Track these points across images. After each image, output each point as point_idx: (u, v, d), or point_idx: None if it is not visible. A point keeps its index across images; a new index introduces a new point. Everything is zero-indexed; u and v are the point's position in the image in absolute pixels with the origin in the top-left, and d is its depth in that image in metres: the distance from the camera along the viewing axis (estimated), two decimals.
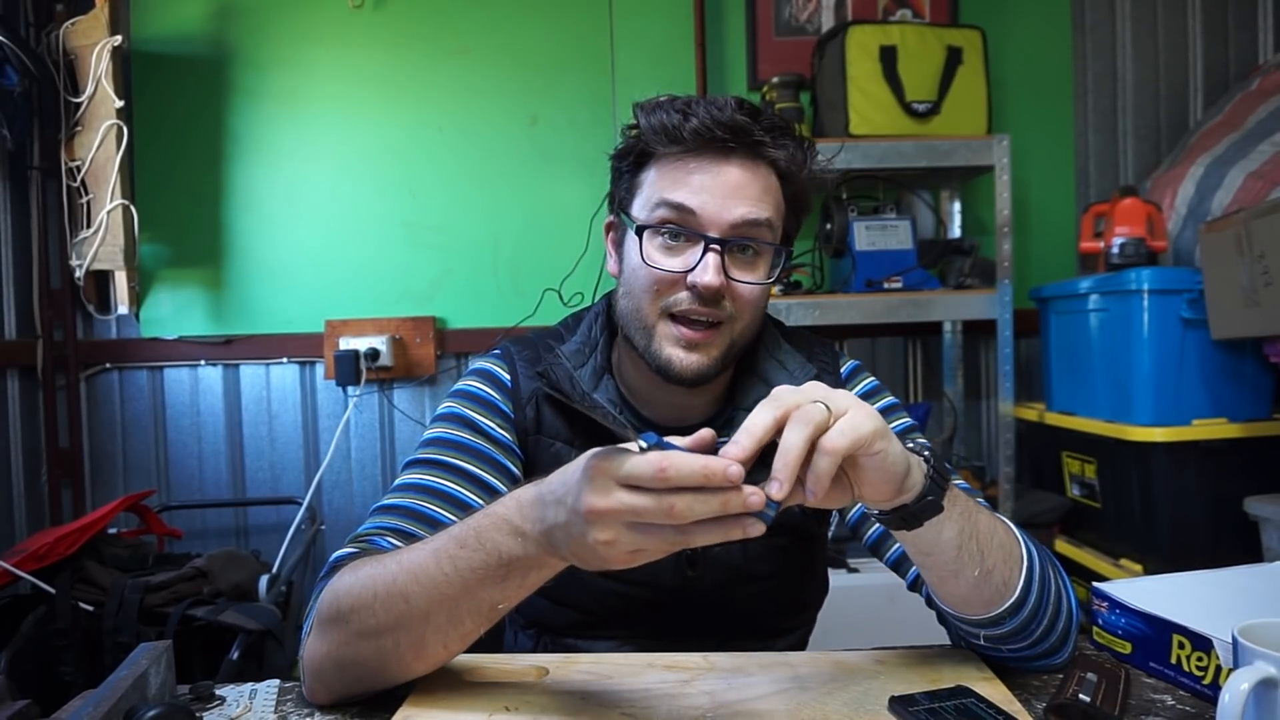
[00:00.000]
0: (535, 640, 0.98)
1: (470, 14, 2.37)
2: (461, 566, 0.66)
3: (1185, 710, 0.72)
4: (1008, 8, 2.43)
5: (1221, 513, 1.79)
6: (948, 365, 2.43)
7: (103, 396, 2.35)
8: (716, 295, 0.84)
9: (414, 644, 0.69)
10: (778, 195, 0.88)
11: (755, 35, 2.40)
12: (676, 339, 0.86)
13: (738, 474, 0.56)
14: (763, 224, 0.85)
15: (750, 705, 0.71)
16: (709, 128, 0.83)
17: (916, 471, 0.66)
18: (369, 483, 2.39)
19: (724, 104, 0.85)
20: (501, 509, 0.66)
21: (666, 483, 0.55)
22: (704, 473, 0.55)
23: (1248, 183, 1.90)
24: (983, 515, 0.72)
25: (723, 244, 0.84)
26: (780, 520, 0.93)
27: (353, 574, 0.72)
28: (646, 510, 0.56)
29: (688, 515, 0.55)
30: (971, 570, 0.70)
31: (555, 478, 0.63)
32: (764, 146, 0.85)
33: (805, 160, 0.88)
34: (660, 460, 0.55)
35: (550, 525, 0.61)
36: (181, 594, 1.76)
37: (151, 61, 2.31)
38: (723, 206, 0.83)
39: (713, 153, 0.84)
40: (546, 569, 0.65)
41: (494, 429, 0.91)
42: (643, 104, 0.89)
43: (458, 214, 2.38)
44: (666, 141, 0.85)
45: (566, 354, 0.94)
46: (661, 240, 0.86)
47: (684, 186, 0.84)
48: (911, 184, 2.34)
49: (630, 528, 0.57)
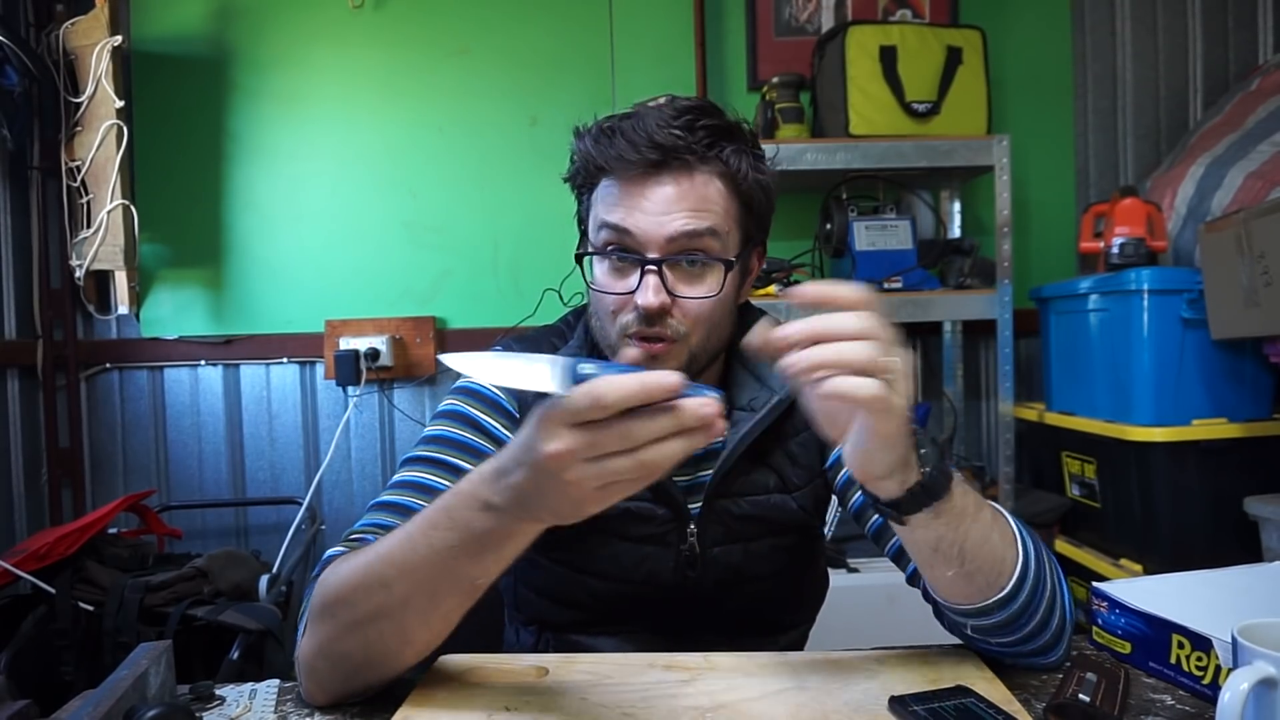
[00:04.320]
0: (536, 637, 0.98)
1: (470, 14, 2.37)
2: (438, 546, 0.66)
3: (1185, 710, 0.72)
4: (1008, 8, 2.43)
5: (1221, 513, 1.79)
6: (948, 365, 2.43)
7: (103, 396, 2.35)
8: (660, 314, 0.83)
9: (397, 630, 0.69)
10: (724, 202, 0.85)
11: (755, 35, 2.40)
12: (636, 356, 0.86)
13: (676, 382, 0.56)
14: (704, 234, 0.83)
15: (750, 705, 0.71)
16: (634, 147, 0.82)
17: (912, 470, 0.65)
18: (369, 483, 2.38)
19: (652, 119, 0.83)
20: (468, 485, 0.66)
21: (608, 409, 0.55)
22: (641, 389, 0.55)
23: (1248, 183, 1.90)
24: (979, 522, 0.70)
25: (660, 263, 0.82)
26: (780, 520, 0.94)
27: (338, 568, 0.73)
28: (600, 440, 0.56)
29: (642, 436, 0.56)
30: (946, 570, 0.70)
31: (510, 446, 0.63)
32: (694, 157, 0.83)
33: (749, 161, 0.86)
34: (594, 388, 0.55)
35: (517, 489, 0.61)
36: (181, 594, 1.76)
37: (151, 61, 2.32)
38: (657, 224, 0.82)
39: (645, 170, 0.83)
40: (520, 537, 0.65)
41: (496, 428, 0.90)
42: (578, 130, 0.88)
43: (458, 214, 2.38)
44: (597, 168, 0.85)
45: (567, 353, 0.94)
46: (609, 263, 0.86)
47: (619, 208, 0.84)
48: (911, 184, 2.34)
49: (590, 462, 0.57)
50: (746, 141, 0.87)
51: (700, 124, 0.83)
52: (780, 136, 2.13)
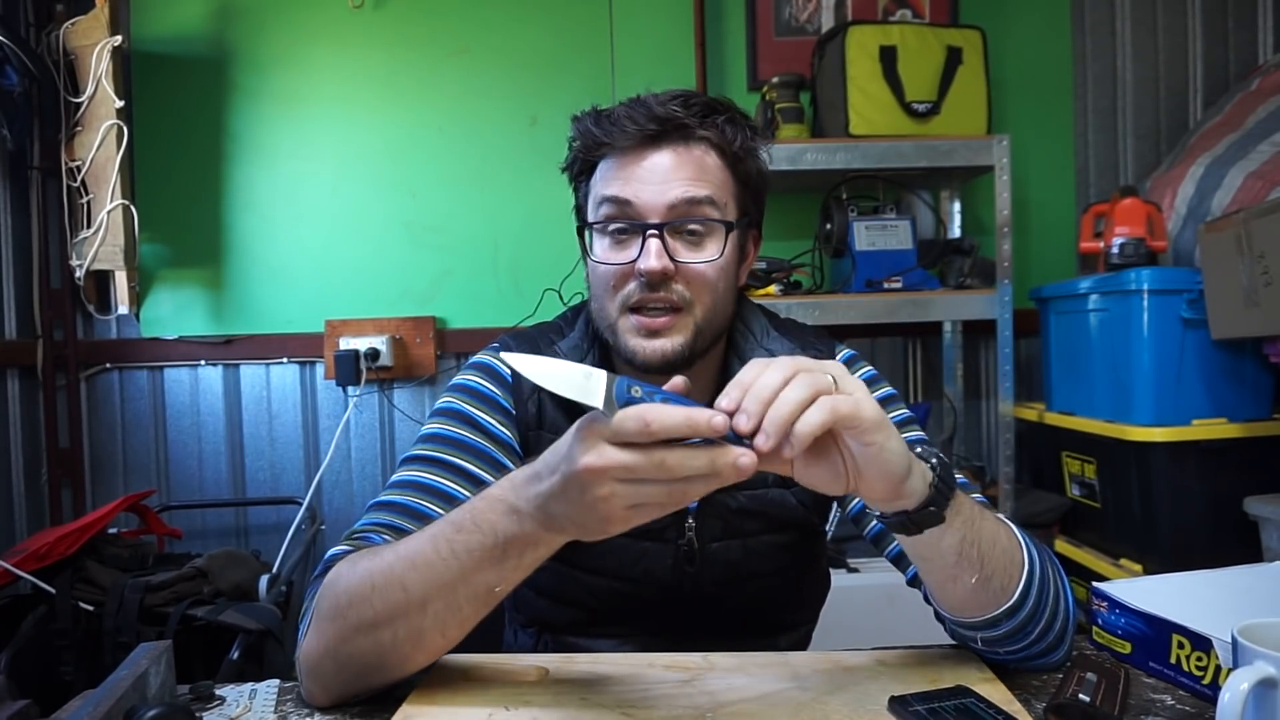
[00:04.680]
0: (535, 639, 0.98)
1: (470, 14, 2.37)
2: (459, 549, 0.66)
3: (1185, 710, 0.72)
4: (1008, 8, 2.43)
5: (1221, 513, 1.79)
6: (948, 365, 2.43)
7: (103, 396, 2.35)
8: (663, 279, 0.84)
9: (412, 634, 0.69)
10: (721, 174, 0.88)
11: (755, 35, 2.40)
12: (637, 329, 0.86)
13: (723, 424, 0.56)
14: (703, 201, 0.85)
15: (750, 705, 0.71)
16: (632, 119, 0.84)
17: (919, 478, 0.65)
18: (369, 483, 2.38)
19: (650, 98, 0.86)
20: (497, 490, 0.66)
21: (652, 436, 0.56)
22: (688, 423, 0.56)
23: (1247, 183, 1.90)
24: (987, 521, 0.72)
25: (662, 227, 0.84)
26: (780, 516, 0.93)
27: (350, 568, 0.72)
28: (638, 465, 0.57)
29: (678, 470, 0.57)
30: (969, 577, 0.70)
31: (547, 453, 0.63)
32: (692, 129, 0.85)
33: (743, 134, 0.88)
34: (645, 414, 0.56)
35: (546, 496, 0.62)
36: (181, 594, 1.76)
37: (151, 61, 2.31)
38: (658, 191, 0.84)
39: (643, 145, 0.85)
40: (544, 546, 0.65)
41: (493, 425, 0.90)
42: (577, 115, 0.91)
43: (458, 214, 2.38)
44: (596, 145, 0.87)
45: (565, 349, 0.94)
46: (609, 237, 0.87)
47: (619, 180, 0.86)
48: (911, 184, 2.33)
49: (624, 483, 0.58)
50: (741, 116, 0.90)
51: (695, 100, 0.86)
52: (780, 136, 2.13)
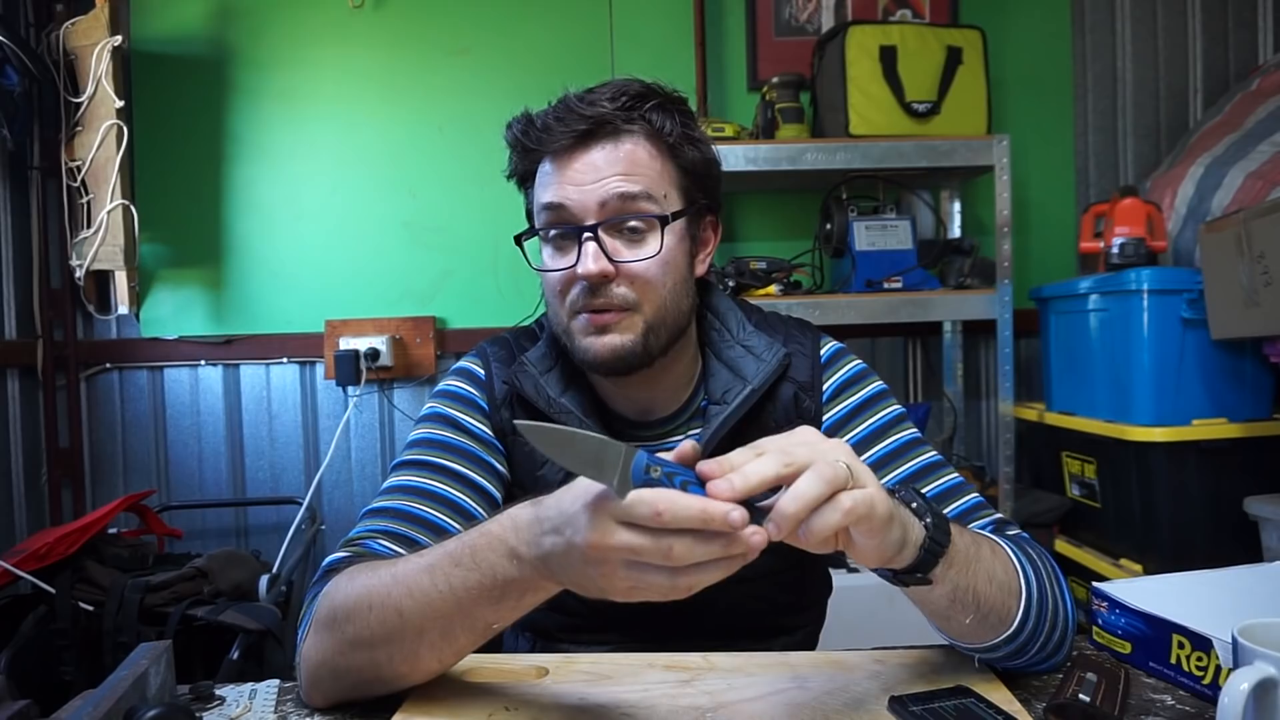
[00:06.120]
0: (532, 644, 0.98)
1: (470, 14, 2.37)
2: (456, 585, 0.65)
3: (1185, 710, 0.72)
4: (1008, 8, 2.43)
5: (1221, 513, 1.79)
6: (948, 365, 2.43)
7: (103, 396, 2.35)
8: (603, 281, 0.83)
9: (407, 656, 0.69)
10: (655, 165, 0.85)
11: (755, 35, 2.40)
12: (586, 327, 0.85)
13: (740, 519, 0.54)
14: (637, 196, 0.83)
15: (750, 705, 0.71)
16: (559, 121, 0.83)
17: (911, 546, 0.64)
18: (369, 483, 2.38)
19: (573, 96, 0.84)
20: (497, 528, 0.65)
21: (663, 525, 0.54)
22: (702, 517, 0.54)
23: (1248, 183, 1.90)
24: (982, 562, 0.70)
25: (596, 228, 0.82)
26: None
27: (349, 581, 0.72)
28: (645, 550, 0.55)
29: (685, 559, 0.55)
30: (964, 618, 0.70)
31: (552, 503, 0.61)
32: (618, 123, 0.83)
33: (674, 120, 0.86)
34: (657, 502, 0.54)
35: (547, 552, 0.61)
36: (181, 594, 1.76)
37: (151, 61, 2.31)
38: (588, 192, 0.83)
39: (575, 145, 0.84)
40: (542, 592, 0.65)
41: (477, 426, 0.92)
42: (508, 123, 0.89)
43: (458, 214, 2.38)
44: (525, 152, 0.86)
45: (533, 360, 0.93)
46: (550, 244, 0.87)
47: (554, 185, 0.85)
48: (911, 184, 2.33)
49: (628, 565, 0.57)
50: (671, 102, 0.87)
51: (625, 92, 0.84)
52: (780, 136, 2.13)
